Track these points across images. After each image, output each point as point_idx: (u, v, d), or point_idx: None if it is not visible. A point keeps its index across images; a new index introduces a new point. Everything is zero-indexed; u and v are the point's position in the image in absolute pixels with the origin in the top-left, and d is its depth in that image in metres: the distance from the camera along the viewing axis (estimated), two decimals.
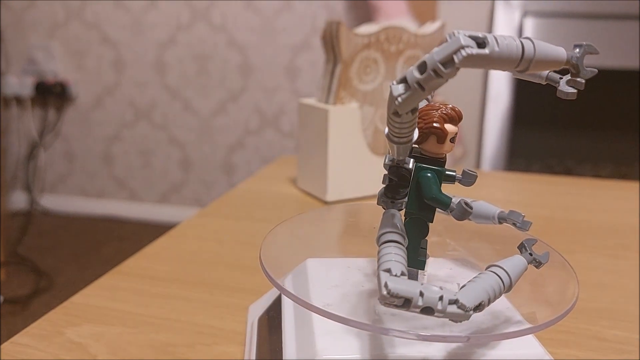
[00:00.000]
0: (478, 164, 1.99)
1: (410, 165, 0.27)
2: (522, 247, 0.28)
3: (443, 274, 0.33)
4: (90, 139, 2.34)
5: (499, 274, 0.25)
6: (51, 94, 2.26)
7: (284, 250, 0.35)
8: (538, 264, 0.28)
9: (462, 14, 1.90)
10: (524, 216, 0.30)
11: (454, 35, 0.20)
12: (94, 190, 2.40)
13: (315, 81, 2.09)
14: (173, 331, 0.40)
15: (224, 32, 2.11)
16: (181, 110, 2.22)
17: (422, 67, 0.20)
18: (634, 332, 0.41)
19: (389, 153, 0.28)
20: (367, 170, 0.69)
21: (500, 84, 1.87)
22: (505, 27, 1.83)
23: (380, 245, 0.25)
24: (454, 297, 0.22)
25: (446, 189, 0.28)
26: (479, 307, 0.23)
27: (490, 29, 1.90)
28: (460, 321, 0.22)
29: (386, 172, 0.28)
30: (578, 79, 0.26)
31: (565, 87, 0.26)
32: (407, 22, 1.66)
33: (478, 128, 1.96)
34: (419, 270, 0.29)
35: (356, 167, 0.68)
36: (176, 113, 2.23)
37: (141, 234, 2.21)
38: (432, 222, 0.29)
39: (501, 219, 0.30)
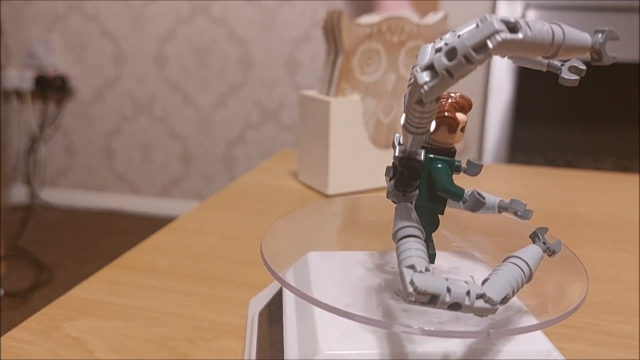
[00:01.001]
0: (480, 157, 1.98)
1: (422, 157, 0.27)
2: (535, 237, 0.28)
3: (450, 267, 0.32)
4: (91, 133, 2.33)
5: (519, 265, 0.24)
6: (51, 88, 2.25)
7: (285, 243, 0.34)
8: (552, 252, 0.28)
9: (463, 7, 1.89)
10: (525, 205, 0.29)
11: (486, 19, 0.19)
12: (95, 184, 2.39)
13: (315, 75, 2.08)
14: (173, 325, 0.39)
15: (224, 25, 2.10)
16: (181, 103, 2.21)
17: (452, 54, 0.19)
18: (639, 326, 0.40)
19: (395, 145, 0.27)
20: (369, 163, 0.68)
21: (502, 77, 1.86)
22: None
23: (399, 240, 0.24)
24: (481, 292, 0.21)
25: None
26: (504, 300, 0.22)
27: None
28: (487, 315, 0.22)
29: (389, 165, 0.28)
30: (580, 66, 0.26)
31: (567, 73, 0.26)
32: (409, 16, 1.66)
33: (480, 121, 1.95)
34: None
35: (358, 159, 0.67)
36: (176, 107, 2.22)
37: (142, 228, 2.21)
38: (442, 214, 0.28)
39: (501, 208, 0.30)
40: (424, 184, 0.27)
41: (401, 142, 0.27)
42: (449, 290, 0.21)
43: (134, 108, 2.26)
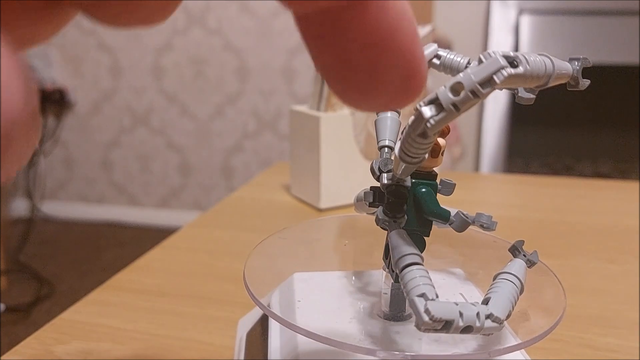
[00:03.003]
0: (477, 162, 1.98)
1: (409, 183, 0.27)
2: (514, 250, 0.29)
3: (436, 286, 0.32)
4: (89, 145, 2.34)
5: (513, 281, 0.25)
6: (50, 101, 2.26)
7: (271, 264, 0.35)
8: (531, 264, 0.28)
9: (458, 12, 1.90)
10: (491, 217, 0.30)
11: (490, 55, 0.20)
12: (94, 196, 2.40)
13: (311, 83, 2.09)
14: (161, 347, 0.39)
15: (219, 35, 2.11)
16: (179, 114, 2.22)
17: (458, 89, 0.20)
18: (627, 339, 0.41)
19: (374, 172, 0.28)
20: (360, 176, 0.68)
21: None
22: (502, 25, 1.83)
23: (402, 269, 0.25)
24: (488, 312, 0.22)
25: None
26: (508, 316, 0.23)
27: (486, 28, 1.89)
28: (493, 333, 0.23)
29: (367, 191, 0.28)
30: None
31: (523, 93, 0.27)
32: None
33: (477, 127, 1.95)
34: None
35: (349, 173, 0.68)
36: (174, 118, 2.23)
37: (141, 239, 2.21)
38: (429, 236, 0.29)
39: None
40: (410, 208, 0.28)
41: (381, 168, 0.28)
42: (461, 314, 0.21)
43: (132, 120, 2.27)
